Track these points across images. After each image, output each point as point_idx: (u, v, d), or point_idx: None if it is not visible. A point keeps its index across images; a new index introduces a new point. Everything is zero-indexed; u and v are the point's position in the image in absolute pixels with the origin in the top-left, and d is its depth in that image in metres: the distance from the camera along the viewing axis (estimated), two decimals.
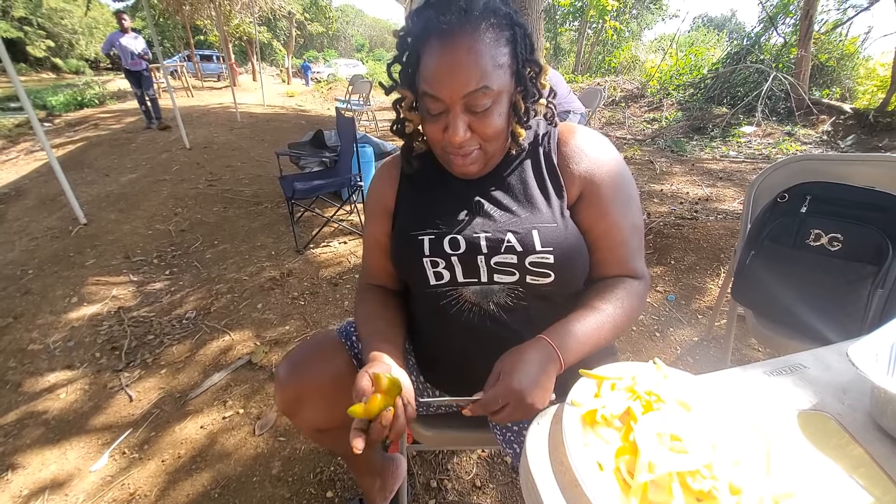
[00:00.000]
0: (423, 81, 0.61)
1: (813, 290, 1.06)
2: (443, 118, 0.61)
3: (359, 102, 6.86)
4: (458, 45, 0.57)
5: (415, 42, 0.61)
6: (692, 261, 2.28)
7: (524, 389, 0.54)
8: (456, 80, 0.57)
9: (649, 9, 19.42)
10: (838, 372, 0.59)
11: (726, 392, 0.52)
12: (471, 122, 0.61)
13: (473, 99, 0.59)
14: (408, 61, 0.64)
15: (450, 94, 0.58)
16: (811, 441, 0.48)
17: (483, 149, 0.64)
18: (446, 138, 0.62)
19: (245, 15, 11.87)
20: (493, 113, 0.61)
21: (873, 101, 5.71)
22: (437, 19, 0.58)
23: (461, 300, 0.69)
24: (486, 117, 0.61)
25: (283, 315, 2.06)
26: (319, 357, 0.80)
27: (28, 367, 1.78)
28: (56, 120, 7.64)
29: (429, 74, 0.59)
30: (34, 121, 2.87)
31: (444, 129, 0.62)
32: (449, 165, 0.68)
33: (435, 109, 0.61)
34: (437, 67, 0.58)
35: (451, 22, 0.57)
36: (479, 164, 0.66)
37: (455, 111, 0.60)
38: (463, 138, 0.61)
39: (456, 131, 0.60)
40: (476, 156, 0.65)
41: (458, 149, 0.63)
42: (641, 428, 0.41)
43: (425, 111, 0.63)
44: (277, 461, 1.30)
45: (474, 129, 0.61)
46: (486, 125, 0.61)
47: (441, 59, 0.58)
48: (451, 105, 0.59)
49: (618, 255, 0.68)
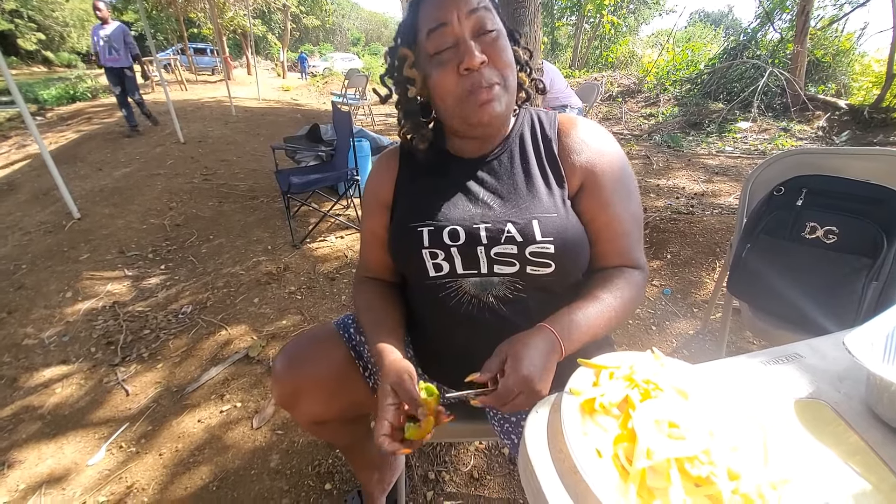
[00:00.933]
0: (427, 21, 0.62)
1: (808, 282, 1.07)
2: (454, 56, 0.61)
3: (355, 97, 6.81)
4: None
5: (412, 7, 0.65)
6: (688, 255, 2.29)
7: (533, 377, 0.54)
8: (459, 1, 0.60)
9: (646, 4, 19.37)
10: (834, 361, 0.59)
11: (723, 381, 0.52)
12: (483, 49, 0.61)
13: (480, 19, 0.61)
14: (408, 22, 0.66)
15: (457, 13, 0.60)
16: (808, 428, 0.49)
17: (502, 83, 0.63)
18: (463, 67, 0.60)
19: (239, 7, 11.74)
20: (501, 39, 0.63)
21: (868, 98, 5.74)
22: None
23: (460, 292, 0.69)
24: (496, 41, 0.62)
25: (280, 309, 2.05)
26: (317, 349, 0.80)
27: (23, 362, 1.76)
28: (48, 114, 7.55)
29: (432, 8, 0.62)
30: (26, 115, 2.83)
31: (457, 67, 0.61)
32: (471, 112, 0.63)
33: (443, 43, 0.61)
34: (439, 0, 0.61)
35: None
36: (501, 103, 0.63)
37: (464, 36, 0.61)
38: (481, 59, 0.60)
39: (472, 54, 0.60)
40: (499, 91, 0.62)
41: (480, 78, 0.61)
42: (639, 415, 0.41)
43: (433, 60, 0.63)
44: (276, 454, 1.30)
45: (488, 55, 0.61)
46: (499, 50, 0.62)
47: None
48: (459, 31, 0.61)
49: (619, 247, 0.68)
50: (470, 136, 0.70)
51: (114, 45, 4.94)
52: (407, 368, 0.61)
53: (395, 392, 0.60)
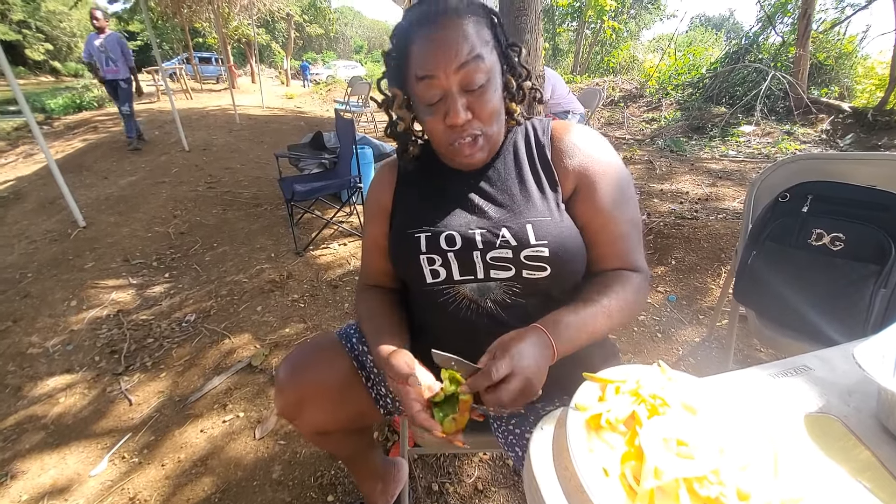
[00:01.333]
0: (416, 68, 0.62)
1: (815, 290, 1.06)
2: (441, 106, 0.63)
3: (358, 104, 6.85)
4: (444, 26, 0.60)
5: (400, 41, 0.64)
6: (693, 261, 2.27)
7: (526, 367, 0.54)
8: (448, 54, 0.59)
9: (647, 9, 19.46)
10: (844, 373, 0.58)
11: (732, 395, 0.51)
12: (469, 103, 0.62)
13: (468, 74, 0.60)
14: (396, 61, 0.66)
15: (445, 68, 0.60)
16: (818, 444, 0.48)
17: (485, 134, 0.65)
18: (448, 124, 0.62)
19: (244, 17, 11.88)
20: (488, 90, 0.62)
21: (872, 100, 5.71)
22: (419, 16, 0.62)
23: (458, 297, 0.69)
24: (482, 95, 0.62)
25: (283, 317, 2.05)
26: (319, 359, 0.80)
27: (27, 371, 1.77)
28: (55, 123, 7.65)
29: (420, 57, 0.61)
30: (32, 124, 2.87)
31: (443, 117, 0.62)
32: (456, 157, 0.67)
33: (431, 96, 0.62)
34: (428, 49, 0.60)
35: (432, 11, 0.61)
36: (485, 151, 0.67)
37: (452, 91, 0.61)
38: (465, 118, 0.61)
39: (457, 112, 0.61)
40: (482, 143, 0.65)
41: (462, 133, 0.63)
42: (647, 433, 0.40)
43: (422, 105, 0.65)
44: (278, 465, 1.30)
45: (473, 110, 0.62)
46: (484, 104, 0.62)
47: (430, 41, 0.60)
48: (446, 84, 0.61)
49: (616, 250, 0.68)
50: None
51: (111, 55, 4.71)
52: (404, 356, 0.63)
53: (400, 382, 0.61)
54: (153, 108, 8.70)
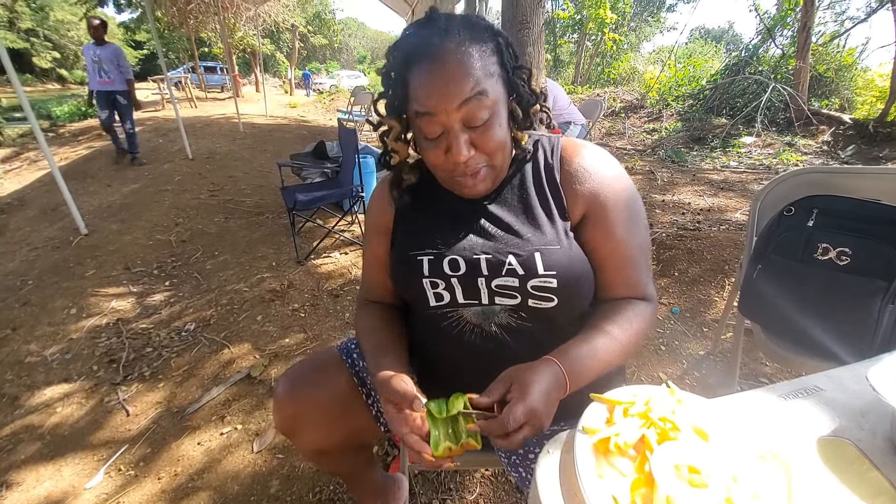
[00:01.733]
0: (415, 103, 0.58)
1: (822, 305, 1.04)
2: (442, 141, 0.59)
3: (361, 113, 6.91)
4: (446, 60, 0.55)
5: (399, 70, 0.60)
6: (696, 272, 2.26)
7: (540, 409, 0.52)
8: (450, 91, 0.55)
9: (647, 22, 19.68)
10: (856, 394, 0.57)
11: (743, 418, 0.50)
12: (472, 139, 0.59)
13: (470, 111, 0.56)
14: (394, 91, 0.61)
15: (445, 107, 0.56)
16: (832, 469, 0.47)
17: (490, 165, 0.62)
18: (450, 160, 0.59)
19: (249, 28, 12.04)
20: (493, 125, 0.59)
21: (872, 112, 5.73)
22: (417, 44, 0.58)
23: (462, 321, 0.67)
24: (486, 131, 0.58)
25: (284, 327, 2.04)
26: (318, 376, 0.79)
27: (25, 380, 1.75)
28: (60, 130, 7.70)
29: (420, 93, 0.57)
30: (37, 131, 2.88)
31: (445, 152, 0.59)
32: (458, 188, 0.64)
33: (432, 132, 0.59)
34: (429, 85, 0.56)
35: (433, 42, 0.56)
36: (488, 182, 0.64)
37: (454, 128, 0.57)
38: (467, 156, 0.58)
39: (459, 150, 0.57)
40: (485, 173, 0.62)
41: (466, 168, 0.60)
42: (658, 459, 0.39)
43: (422, 137, 0.61)
44: (276, 480, 1.27)
45: (477, 146, 0.59)
46: (488, 139, 0.59)
47: (430, 76, 0.56)
48: (448, 122, 0.57)
49: (625, 277, 0.66)
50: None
51: (104, 66, 4.45)
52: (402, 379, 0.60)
53: (397, 404, 0.58)
54: (158, 116, 8.78)
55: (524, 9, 1.87)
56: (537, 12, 1.91)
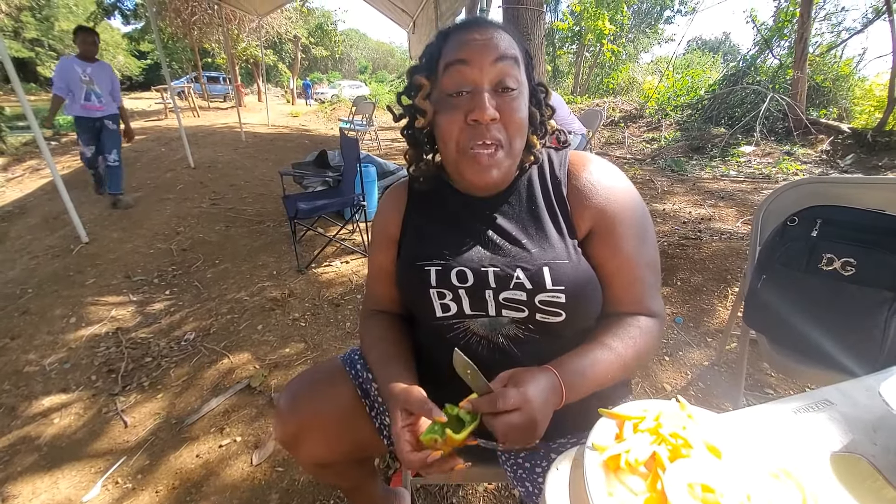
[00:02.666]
0: (450, 53, 0.60)
1: (827, 316, 1.04)
2: (465, 102, 0.59)
3: (362, 123, 6.95)
4: (487, 27, 0.61)
5: (440, 38, 0.64)
6: (698, 282, 2.25)
7: (534, 403, 0.52)
8: (487, 45, 0.59)
9: (645, 33, 19.91)
10: (867, 408, 0.56)
11: (755, 433, 0.49)
12: (498, 105, 0.59)
13: (503, 70, 0.59)
14: (430, 52, 0.64)
15: (480, 59, 0.59)
16: (845, 486, 0.46)
17: (506, 145, 0.61)
18: (472, 118, 0.58)
19: (252, 39, 12.18)
20: (518, 100, 0.60)
21: (871, 121, 5.77)
22: (462, 22, 0.64)
23: (468, 333, 0.67)
24: (512, 101, 0.60)
25: (284, 337, 2.02)
26: (321, 388, 0.78)
27: (23, 390, 1.74)
28: (63, 139, 7.74)
29: (458, 44, 0.60)
30: (40, 139, 2.90)
31: (467, 112, 0.59)
32: (469, 169, 0.62)
33: (459, 84, 0.59)
34: (468, 37, 0.60)
35: (476, 21, 0.62)
36: (502, 167, 0.62)
37: (483, 85, 0.59)
38: (492, 115, 0.57)
39: (484, 106, 0.57)
40: (500, 156, 0.61)
41: (485, 134, 0.59)
42: (670, 478, 0.38)
43: (444, 98, 0.61)
44: (275, 493, 1.25)
45: (501, 112, 0.59)
46: (513, 109, 0.60)
47: (471, 32, 0.60)
48: (479, 77, 0.59)
49: (632, 293, 0.65)
50: (465, 186, 0.71)
51: (96, 88, 3.48)
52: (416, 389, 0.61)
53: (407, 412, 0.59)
54: (161, 125, 8.84)
55: (525, 21, 1.89)
56: (537, 24, 1.93)
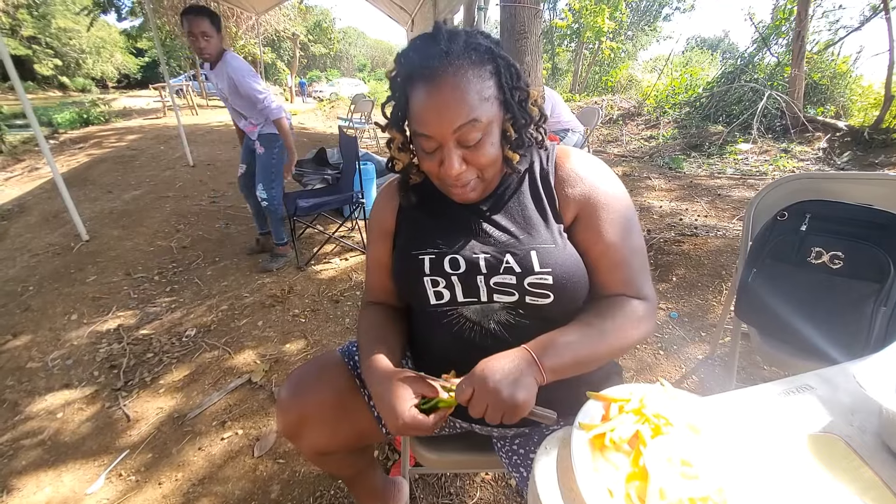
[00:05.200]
0: (413, 122, 0.63)
1: (816, 307, 1.06)
2: (437, 154, 0.64)
3: (361, 121, 6.96)
4: (442, 86, 0.59)
5: (402, 84, 0.64)
6: (694, 277, 2.28)
7: (493, 382, 0.56)
8: (444, 118, 0.60)
9: (644, 31, 19.90)
10: (846, 392, 0.59)
11: (734, 414, 0.52)
12: (465, 155, 0.63)
13: (464, 134, 0.61)
14: (397, 103, 0.66)
15: (440, 131, 0.61)
16: (822, 464, 0.48)
17: (480, 177, 0.67)
18: (443, 172, 0.64)
19: (250, 36, 12.15)
20: (484, 144, 0.63)
21: (868, 119, 5.79)
22: (419, 64, 0.60)
23: (461, 319, 0.70)
24: (478, 149, 0.63)
25: (284, 332, 2.04)
26: (321, 378, 0.80)
27: (26, 386, 1.76)
28: (61, 137, 7.74)
29: (418, 115, 0.62)
30: (40, 138, 2.91)
31: (439, 163, 0.64)
32: (450, 195, 0.70)
33: (429, 147, 0.64)
34: (426, 108, 0.60)
35: (433, 65, 0.59)
36: (478, 191, 0.69)
37: (448, 147, 0.62)
38: (459, 171, 0.63)
39: (451, 165, 0.62)
40: (474, 184, 0.67)
41: (457, 181, 0.65)
42: (651, 453, 0.41)
43: (420, 149, 0.66)
44: (276, 484, 1.28)
45: (469, 161, 0.64)
46: (480, 156, 0.63)
47: (428, 100, 0.60)
48: (443, 141, 0.62)
49: (619, 277, 0.68)
50: None
51: (231, 102, 2.45)
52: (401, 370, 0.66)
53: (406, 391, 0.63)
54: (159, 123, 8.83)
55: (522, 19, 1.91)
56: (535, 22, 1.95)
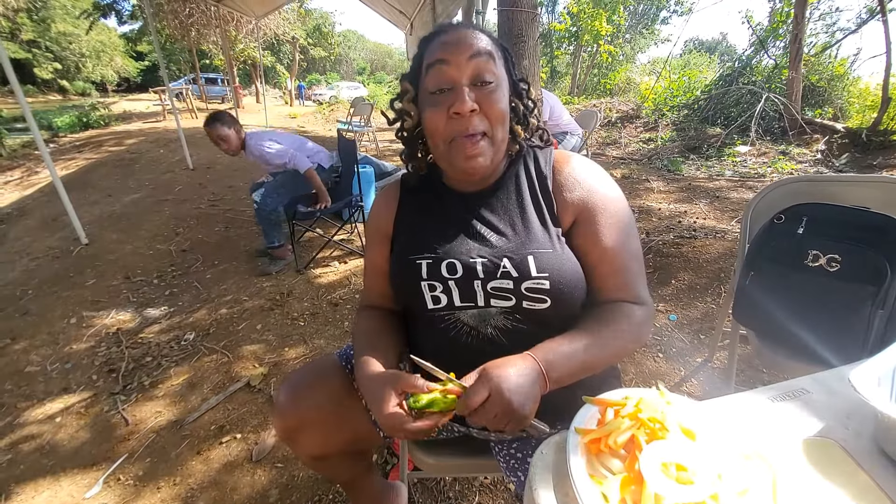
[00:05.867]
0: (430, 56, 0.65)
1: (813, 310, 1.06)
2: (447, 98, 0.63)
3: (360, 124, 6.97)
4: (461, 30, 0.66)
5: (422, 45, 0.68)
6: (692, 280, 2.28)
7: (509, 392, 0.53)
8: (463, 44, 0.63)
9: (642, 34, 19.97)
10: (841, 396, 0.59)
11: (730, 419, 0.52)
12: (477, 98, 0.63)
13: (479, 66, 0.63)
14: (414, 61, 0.70)
15: (457, 55, 0.63)
16: (817, 469, 0.48)
17: (489, 135, 0.65)
18: (453, 111, 0.62)
19: (250, 40, 12.19)
20: (497, 91, 0.64)
21: (865, 121, 5.81)
22: (442, 28, 0.68)
23: (459, 324, 0.69)
24: (491, 94, 0.64)
25: (283, 336, 2.04)
26: (319, 382, 0.80)
27: (24, 390, 1.75)
28: (61, 140, 7.75)
29: (436, 48, 0.65)
30: (39, 141, 2.91)
31: (449, 107, 0.63)
32: (456, 159, 0.66)
33: (440, 82, 0.64)
34: (446, 40, 0.65)
35: (455, 26, 0.68)
36: (487, 156, 0.66)
37: (461, 81, 0.63)
38: (471, 106, 0.62)
39: (464, 99, 0.62)
40: (484, 145, 0.65)
41: (467, 125, 0.63)
42: (646, 458, 0.41)
43: (427, 95, 0.66)
44: (275, 489, 1.27)
45: (480, 104, 0.63)
46: (492, 102, 0.64)
47: (448, 35, 0.65)
48: (457, 74, 0.63)
49: (616, 282, 0.68)
50: (458, 179, 0.74)
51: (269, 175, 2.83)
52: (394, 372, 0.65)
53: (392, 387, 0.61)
54: (159, 126, 8.85)
55: (520, 23, 1.92)
56: (533, 26, 1.96)
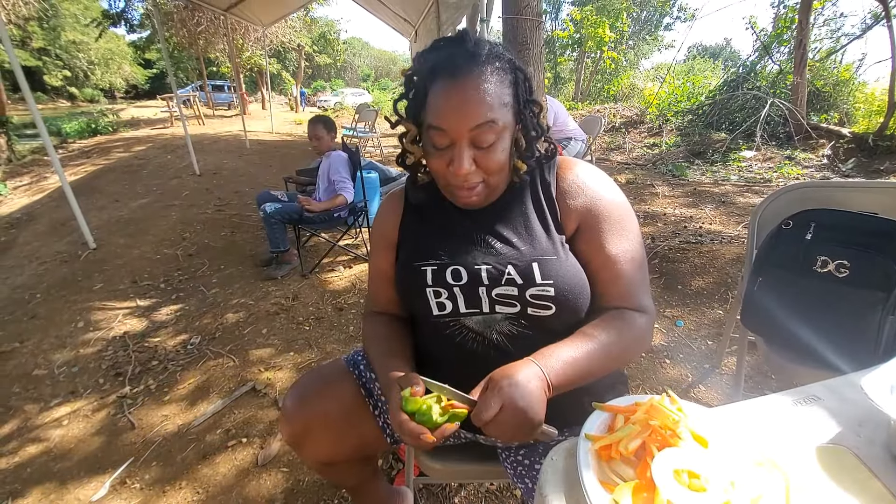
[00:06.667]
0: (430, 115, 0.63)
1: (823, 316, 1.05)
2: (447, 152, 0.64)
3: (364, 130, 7.02)
4: (466, 84, 0.60)
5: (422, 80, 0.65)
6: (699, 285, 2.27)
7: (520, 398, 0.52)
8: (464, 114, 0.60)
9: (645, 40, 20.03)
10: (853, 403, 0.58)
11: (742, 426, 0.51)
12: (475, 156, 0.63)
13: (479, 134, 0.61)
14: (414, 97, 0.67)
15: (457, 127, 0.61)
16: (830, 476, 0.48)
17: (486, 182, 0.66)
18: (451, 171, 0.64)
19: (256, 48, 12.32)
20: (496, 148, 0.63)
21: (872, 126, 5.78)
22: (445, 60, 0.62)
23: (464, 330, 0.70)
24: (490, 152, 0.63)
25: (288, 340, 2.05)
26: (326, 388, 0.80)
27: (32, 393, 1.77)
28: (70, 146, 7.85)
29: (437, 109, 0.62)
30: (49, 147, 2.95)
31: (448, 163, 0.64)
32: (453, 197, 0.69)
33: (440, 143, 0.64)
34: (446, 103, 0.61)
35: (459, 63, 0.61)
36: (482, 197, 0.68)
37: (461, 145, 0.62)
38: (468, 171, 0.62)
39: (461, 164, 0.62)
40: (480, 189, 0.66)
41: (464, 181, 0.64)
42: (658, 465, 0.41)
43: (430, 145, 0.66)
44: (280, 493, 1.27)
45: (478, 163, 0.63)
46: (490, 160, 0.63)
47: (449, 95, 0.61)
48: (457, 139, 0.62)
49: (619, 289, 0.68)
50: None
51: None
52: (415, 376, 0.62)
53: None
54: (166, 133, 8.95)
55: (524, 31, 1.93)
56: (537, 33, 1.97)
